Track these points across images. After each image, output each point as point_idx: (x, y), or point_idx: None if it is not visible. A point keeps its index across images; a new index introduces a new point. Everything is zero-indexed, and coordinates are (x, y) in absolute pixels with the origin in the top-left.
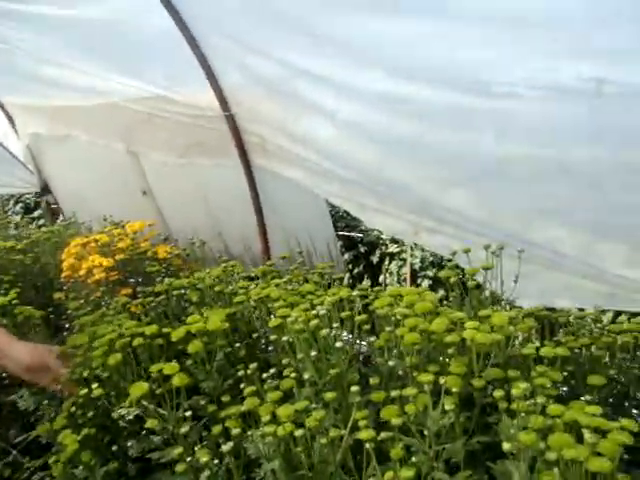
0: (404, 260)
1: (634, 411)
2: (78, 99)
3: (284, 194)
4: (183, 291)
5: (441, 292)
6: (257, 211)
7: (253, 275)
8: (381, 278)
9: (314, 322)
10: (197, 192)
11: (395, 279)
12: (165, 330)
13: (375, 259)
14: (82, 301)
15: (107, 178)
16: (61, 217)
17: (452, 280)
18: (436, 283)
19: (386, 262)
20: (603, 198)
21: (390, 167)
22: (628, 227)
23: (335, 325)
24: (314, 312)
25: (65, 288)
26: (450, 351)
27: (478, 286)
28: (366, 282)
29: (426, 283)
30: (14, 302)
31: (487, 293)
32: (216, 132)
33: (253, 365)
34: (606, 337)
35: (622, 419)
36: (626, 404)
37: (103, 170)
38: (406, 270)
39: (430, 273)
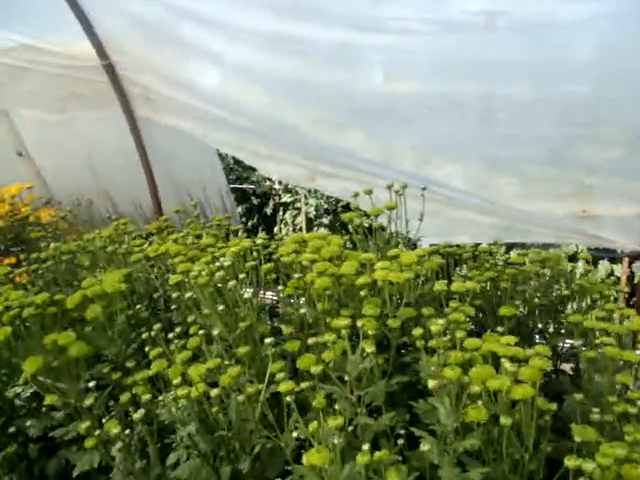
0: (298, 209)
1: (537, 338)
2: None
3: (172, 146)
4: (73, 255)
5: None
6: (145, 165)
7: (147, 233)
8: (276, 229)
9: (219, 274)
10: (79, 149)
11: (290, 229)
12: (58, 297)
13: (269, 210)
14: None
15: None
16: None
17: (356, 222)
18: (332, 230)
19: (280, 213)
20: (494, 132)
21: (280, 111)
22: (518, 159)
23: (241, 276)
24: (217, 264)
25: None
26: (362, 293)
27: (382, 228)
28: (262, 234)
29: (322, 230)
30: None
31: (390, 233)
32: (95, 83)
33: (157, 326)
34: (510, 269)
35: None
36: (532, 333)
37: None
38: (301, 219)
39: (325, 220)
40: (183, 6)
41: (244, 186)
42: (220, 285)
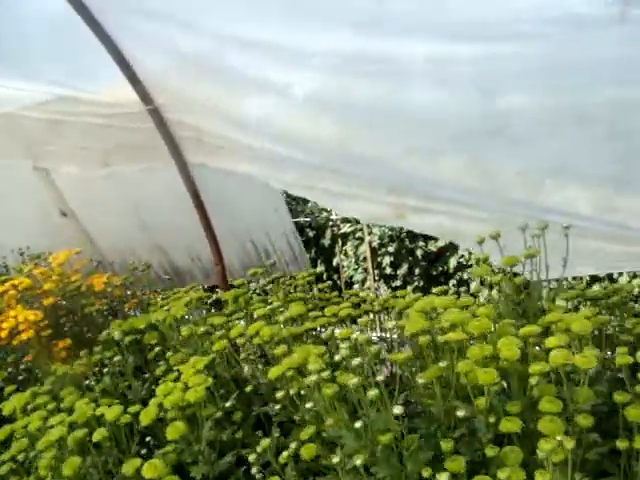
0: (360, 239)
1: None
2: None
3: (229, 191)
4: (139, 335)
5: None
6: (201, 215)
7: (219, 299)
8: (336, 260)
9: (353, 382)
10: (127, 204)
11: (353, 260)
12: (132, 409)
13: (326, 242)
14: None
15: (12, 204)
16: None
17: (495, 279)
18: (397, 258)
19: (339, 244)
20: (626, 146)
21: (360, 143)
22: None
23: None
24: (338, 357)
25: None
26: (533, 382)
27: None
28: (320, 267)
29: (387, 260)
30: None
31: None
32: (140, 131)
33: (264, 443)
34: None
35: None
36: None
37: (7, 196)
38: (363, 249)
39: (391, 249)
40: (237, 35)
41: (298, 220)
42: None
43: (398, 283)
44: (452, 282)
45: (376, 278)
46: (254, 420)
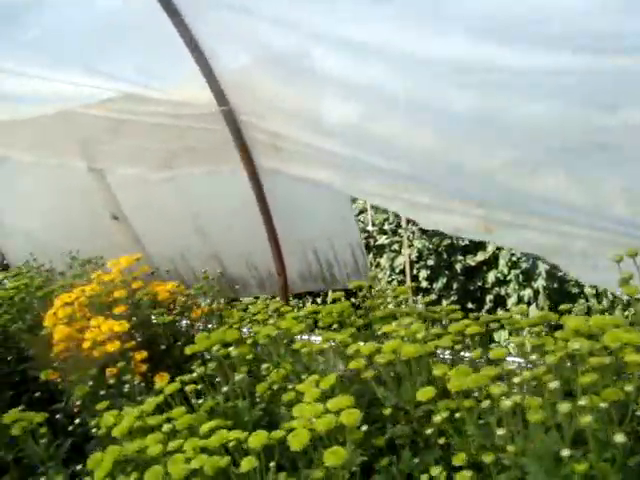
0: (396, 252)
1: None
2: (13, 111)
3: (297, 199)
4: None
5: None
6: (267, 223)
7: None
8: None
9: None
10: (184, 208)
11: (387, 273)
12: (276, 435)
13: None
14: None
15: (63, 205)
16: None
17: None
18: (435, 271)
19: (371, 255)
20: None
21: (456, 153)
22: None
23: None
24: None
25: (57, 364)
26: None
27: None
28: None
29: (424, 273)
30: None
31: None
32: (210, 133)
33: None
34: None
35: None
36: None
37: (57, 196)
38: (400, 262)
39: (430, 262)
40: (331, 35)
41: None
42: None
43: (433, 297)
44: (489, 297)
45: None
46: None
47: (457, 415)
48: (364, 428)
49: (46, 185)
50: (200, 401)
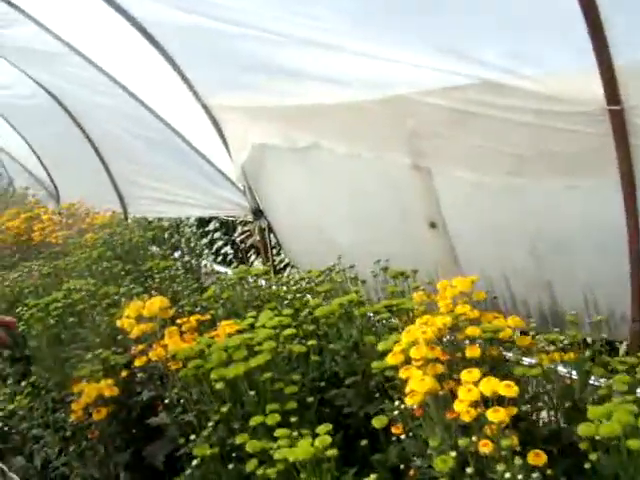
0: None
1: None
2: (338, 94)
3: None
4: None
5: None
6: (632, 245)
7: None
8: None
9: None
10: (521, 225)
11: None
12: None
13: None
14: None
15: (369, 203)
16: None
17: None
18: None
19: None
20: None
21: None
22: None
23: None
24: None
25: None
26: None
27: None
28: None
29: None
30: None
31: None
32: (580, 137)
33: None
34: None
35: None
36: None
37: (364, 193)
38: None
39: None
40: None
41: None
42: None
43: None
44: None
45: None
46: None
47: None
48: None
49: (356, 179)
50: None
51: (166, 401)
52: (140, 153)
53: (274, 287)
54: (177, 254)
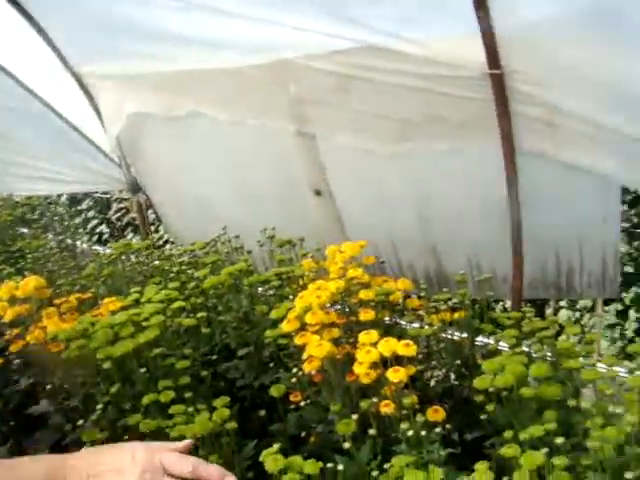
0: None
1: None
2: (218, 59)
3: (552, 191)
4: None
5: None
6: (514, 216)
7: None
8: None
9: None
10: (408, 191)
11: None
12: None
13: None
14: None
15: (253, 173)
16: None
17: None
18: None
19: None
20: None
21: None
22: None
23: None
24: None
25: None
26: None
27: None
28: None
29: None
30: None
31: None
32: (465, 102)
33: None
34: None
35: None
36: None
37: (248, 162)
38: None
39: None
40: None
41: None
42: None
43: None
44: None
45: None
46: None
47: None
48: None
49: (240, 148)
50: None
51: (48, 387)
52: (1, 125)
53: (157, 262)
54: (50, 235)
